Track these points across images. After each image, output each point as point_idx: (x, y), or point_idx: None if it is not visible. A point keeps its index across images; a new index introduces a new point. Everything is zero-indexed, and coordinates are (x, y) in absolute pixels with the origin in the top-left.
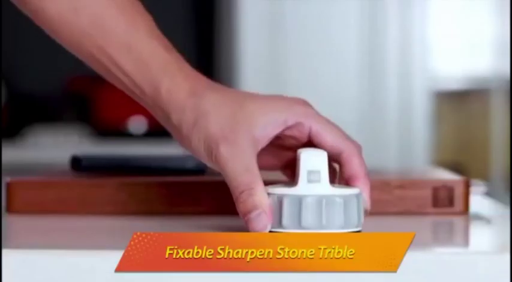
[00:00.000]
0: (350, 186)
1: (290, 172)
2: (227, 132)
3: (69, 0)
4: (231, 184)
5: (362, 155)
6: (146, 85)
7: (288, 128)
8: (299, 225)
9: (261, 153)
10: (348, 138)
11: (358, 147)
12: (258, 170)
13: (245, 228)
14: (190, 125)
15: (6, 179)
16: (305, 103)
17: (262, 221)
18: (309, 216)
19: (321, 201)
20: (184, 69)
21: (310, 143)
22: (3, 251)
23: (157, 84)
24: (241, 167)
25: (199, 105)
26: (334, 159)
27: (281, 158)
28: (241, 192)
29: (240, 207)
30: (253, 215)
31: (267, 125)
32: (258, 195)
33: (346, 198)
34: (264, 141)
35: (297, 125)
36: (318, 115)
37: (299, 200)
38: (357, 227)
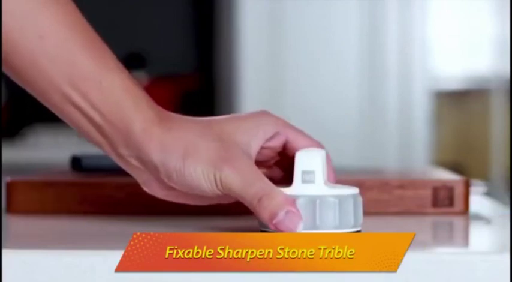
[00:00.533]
0: (348, 186)
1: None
2: (223, 154)
3: (34, 30)
4: (246, 198)
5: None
6: (117, 122)
7: (267, 140)
8: None
9: None
10: (317, 144)
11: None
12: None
13: (246, 228)
14: (179, 159)
15: (6, 179)
16: (271, 114)
17: (293, 218)
18: (303, 217)
19: (315, 201)
20: (152, 104)
21: (284, 153)
22: (3, 251)
23: (129, 122)
24: (250, 179)
25: (183, 137)
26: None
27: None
28: (259, 200)
29: (265, 214)
30: (281, 216)
31: (251, 141)
32: (278, 197)
33: (341, 198)
34: (253, 157)
35: (275, 135)
36: (288, 123)
37: (293, 201)
38: (353, 227)
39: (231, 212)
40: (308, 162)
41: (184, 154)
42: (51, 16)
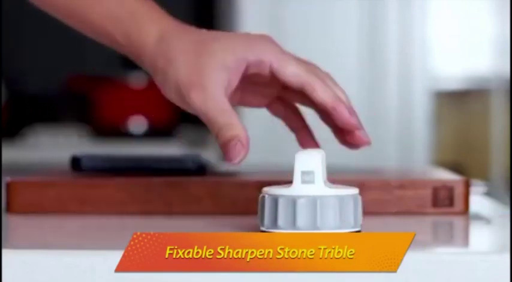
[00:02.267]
0: (347, 186)
1: (282, 108)
2: (195, 78)
3: None
4: (209, 125)
5: (328, 82)
6: (119, 35)
7: (250, 65)
8: (294, 225)
9: (241, 92)
10: (309, 70)
11: (322, 77)
12: (232, 107)
13: (246, 228)
14: (160, 73)
15: (6, 179)
16: (268, 40)
17: (238, 149)
18: (303, 217)
19: (315, 201)
20: (151, 14)
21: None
22: (3, 251)
23: (128, 33)
24: (215, 109)
25: (167, 52)
26: (305, 97)
27: (264, 95)
28: (220, 129)
29: (220, 141)
30: (231, 144)
31: (230, 64)
32: (237, 129)
33: (341, 199)
34: (232, 79)
35: (258, 62)
36: (279, 51)
37: (293, 201)
38: (353, 227)
39: (231, 212)
40: (307, 162)
41: (164, 71)
42: None
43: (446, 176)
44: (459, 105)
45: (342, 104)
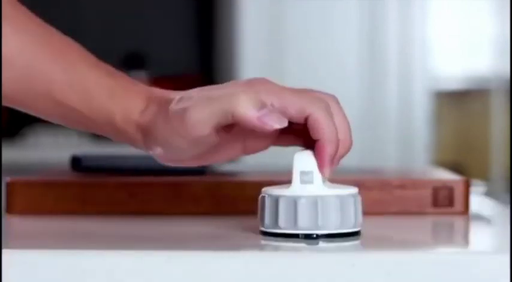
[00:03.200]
0: (346, 185)
1: (292, 137)
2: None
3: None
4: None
5: (332, 108)
6: (101, 118)
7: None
8: (295, 225)
9: (244, 142)
10: (312, 102)
11: (325, 108)
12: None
13: (246, 229)
14: (153, 133)
15: (6, 179)
16: (264, 82)
17: (273, 118)
18: (305, 217)
19: (316, 202)
20: (129, 89)
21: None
22: (3, 252)
23: (109, 114)
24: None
25: (150, 132)
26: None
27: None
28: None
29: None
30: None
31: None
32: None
33: (341, 198)
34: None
35: (261, 104)
36: (278, 90)
37: (294, 201)
38: (353, 227)
39: (231, 212)
40: (306, 162)
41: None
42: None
43: (446, 176)
44: (459, 105)
45: (329, 148)
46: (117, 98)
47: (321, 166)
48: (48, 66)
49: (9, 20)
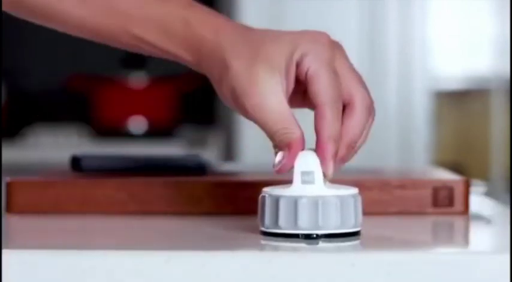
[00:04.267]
0: (346, 186)
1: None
2: (252, 86)
3: None
4: (267, 134)
5: (335, 115)
6: (176, 50)
7: (297, 65)
8: (295, 225)
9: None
10: (331, 96)
11: (339, 108)
12: (289, 110)
13: (246, 229)
14: (217, 81)
15: (6, 179)
16: (321, 43)
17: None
18: (305, 217)
19: (317, 201)
20: (203, 21)
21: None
22: (3, 251)
23: (185, 46)
24: (272, 118)
25: (221, 59)
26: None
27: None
28: (275, 132)
29: (279, 145)
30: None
31: (284, 67)
32: (293, 135)
33: (342, 199)
34: (288, 83)
35: (300, 63)
36: (323, 60)
37: (295, 201)
38: (354, 227)
39: (231, 212)
40: (307, 163)
41: (220, 77)
42: None
43: (446, 176)
44: (459, 105)
45: (330, 146)
46: (192, 28)
47: (323, 164)
48: (124, 3)
49: None
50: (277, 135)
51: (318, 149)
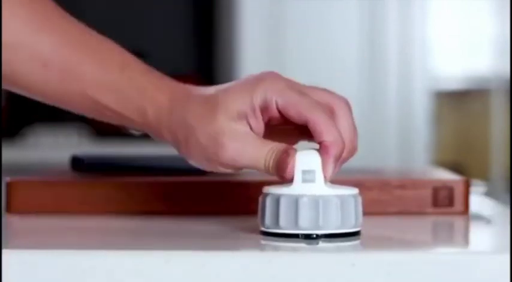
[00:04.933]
0: (347, 186)
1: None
2: (219, 139)
3: (37, 57)
4: (257, 168)
5: (326, 115)
6: (135, 116)
7: (264, 108)
8: (296, 225)
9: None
10: (312, 106)
11: (326, 111)
12: (267, 141)
13: (246, 229)
14: (183, 144)
15: (6, 179)
16: (272, 78)
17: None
18: (305, 217)
19: (318, 201)
20: (160, 87)
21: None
22: (3, 251)
23: (143, 112)
24: (250, 159)
25: (184, 121)
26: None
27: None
28: (267, 167)
29: (275, 165)
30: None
31: (245, 110)
32: (278, 152)
33: (342, 198)
34: (254, 124)
35: (265, 103)
36: (282, 89)
37: (295, 200)
38: (354, 227)
39: (231, 212)
40: (308, 161)
41: (186, 140)
42: (50, 40)
43: (446, 176)
44: (459, 105)
45: (333, 149)
46: (148, 96)
47: (324, 167)
48: (83, 67)
49: (46, 21)
50: (267, 162)
51: (323, 151)
